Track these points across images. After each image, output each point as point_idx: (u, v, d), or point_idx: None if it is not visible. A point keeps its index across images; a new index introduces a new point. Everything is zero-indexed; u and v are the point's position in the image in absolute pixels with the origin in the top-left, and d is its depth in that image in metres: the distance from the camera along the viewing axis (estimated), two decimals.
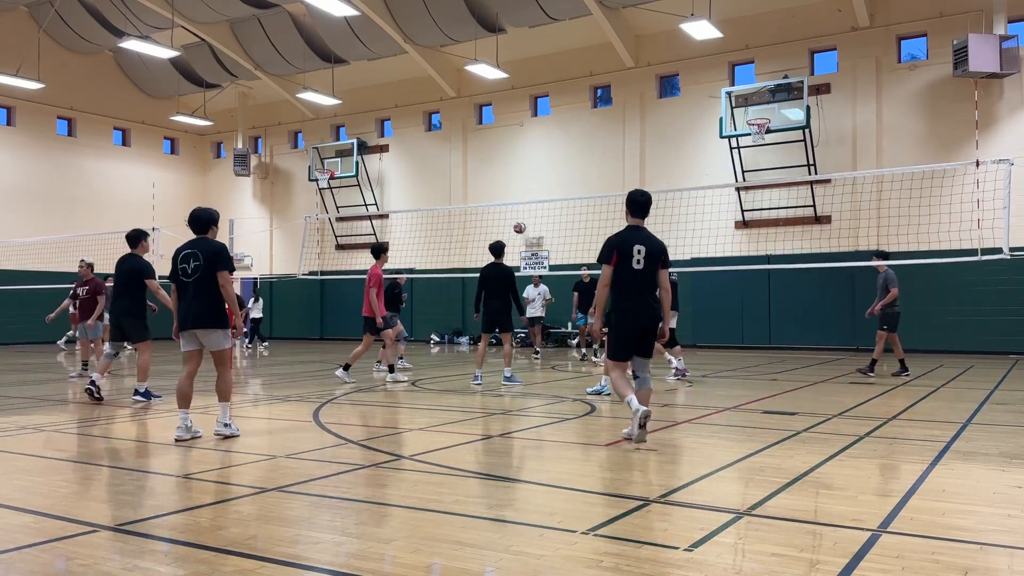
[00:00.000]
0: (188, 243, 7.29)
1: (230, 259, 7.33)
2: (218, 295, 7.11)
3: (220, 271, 7.09)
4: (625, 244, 6.71)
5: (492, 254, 11.89)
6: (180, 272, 7.15)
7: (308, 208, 27.65)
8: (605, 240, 6.85)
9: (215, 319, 7.10)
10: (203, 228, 7.32)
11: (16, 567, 3.64)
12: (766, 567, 3.54)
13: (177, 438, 6.98)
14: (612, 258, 6.69)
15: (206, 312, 7.06)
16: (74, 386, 12.09)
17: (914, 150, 19.83)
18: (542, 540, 3.98)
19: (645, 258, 6.70)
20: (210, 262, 7.08)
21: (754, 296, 21.36)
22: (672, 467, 5.91)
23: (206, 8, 24.33)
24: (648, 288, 6.76)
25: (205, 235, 7.32)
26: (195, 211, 7.41)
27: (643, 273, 6.70)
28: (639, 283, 6.71)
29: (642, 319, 6.72)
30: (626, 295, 6.71)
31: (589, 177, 23.81)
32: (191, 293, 7.08)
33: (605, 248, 6.77)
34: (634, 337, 6.74)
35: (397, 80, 27.42)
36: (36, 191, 26.95)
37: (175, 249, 7.32)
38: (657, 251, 6.76)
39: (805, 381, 12.38)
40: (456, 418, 8.51)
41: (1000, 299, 18.70)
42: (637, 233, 6.82)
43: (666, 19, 21.18)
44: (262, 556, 3.74)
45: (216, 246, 7.22)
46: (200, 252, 7.12)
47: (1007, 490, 5.04)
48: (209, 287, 7.06)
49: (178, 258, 7.19)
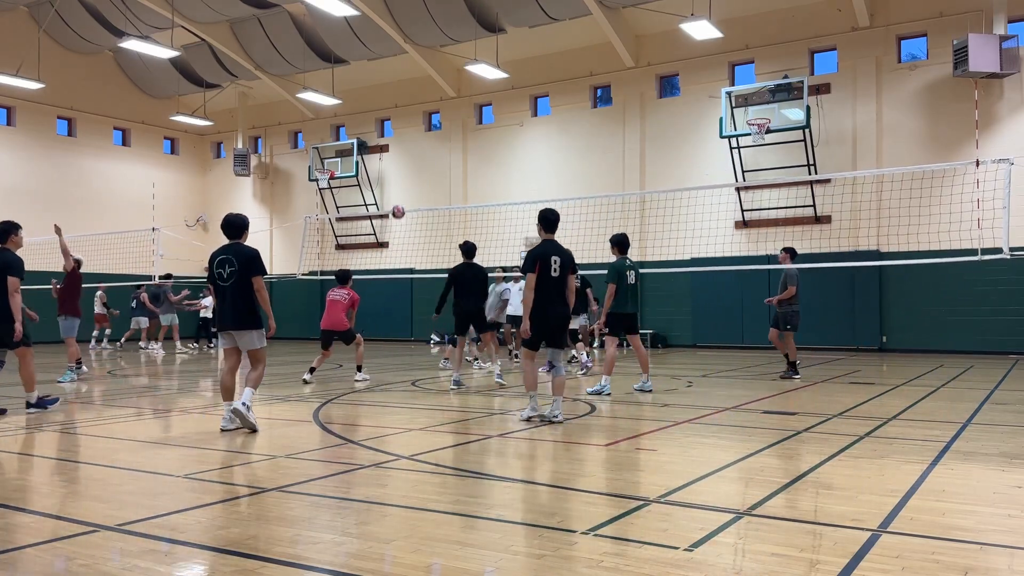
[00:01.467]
0: (222, 248, 7.71)
1: (263, 264, 7.74)
2: (252, 298, 7.54)
3: (254, 276, 7.54)
4: (545, 256, 8.04)
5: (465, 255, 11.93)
6: (216, 276, 7.61)
7: (308, 208, 27.65)
8: (527, 253, 8.13)
9: (249, 321, 7.55)
10: (236, 233, 7.75)
11: (16, 567, 3.64)
12: (766, 567, 3.54)
13: (223, 428, 7.48)
14: (536, 267, 7.98)
15: (241, 314, 7.52)
16: (76, 383, 12.08)
17: (914, 150, 19.83)
18: (542, 540, 3.98)
19: (560, 267, 8.07)
20: (245, 267, 7.51)
21: (754, 296, 21.33)
22: (672, 467, 5.91)
23: (206, 8, 24.32)
24: (560, 292, 8.10)
25: (238, 240, 7.75)
26: (227, 217, 7.83)
27: (558, 280, 8.06)
28: (554, 288, 8.05)
29: (555, 317, 8.06)
30: (544, 297, 8.02)
31: (589, 177, 23.81)
32: (228, 296, 7.54)
33: (529, 259, 8.05)
34: (548, 332, 8.05)
35: (397, 80, 27.42)
36: (36, 191, 26.94)
37: (211, 253, 7.74)
38: (568, 260, 8.17)
39: (805, 381, 12.38)
40: (456, 418, 8.51)
41: (1000, 299, 18.70)
42: (553, 246, 8.17)
43: (666, 19, 21.18)
44: (262, 556, 3.74)
45: (250, 252, 7.62)
46: (235, 258, 7.55)
47: (1007, 490, 5.04)
48: (244, 291, 7.51)
49: (214, 263, 7.63)
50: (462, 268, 11.82)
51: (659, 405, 9.54)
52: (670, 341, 22.27)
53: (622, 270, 10.53)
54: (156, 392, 11.53)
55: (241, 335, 7.56)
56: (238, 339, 7.60)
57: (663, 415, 8.60)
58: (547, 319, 8.02)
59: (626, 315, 10.60)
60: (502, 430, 7.64)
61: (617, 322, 10.61)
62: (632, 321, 10.79)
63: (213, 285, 7.70)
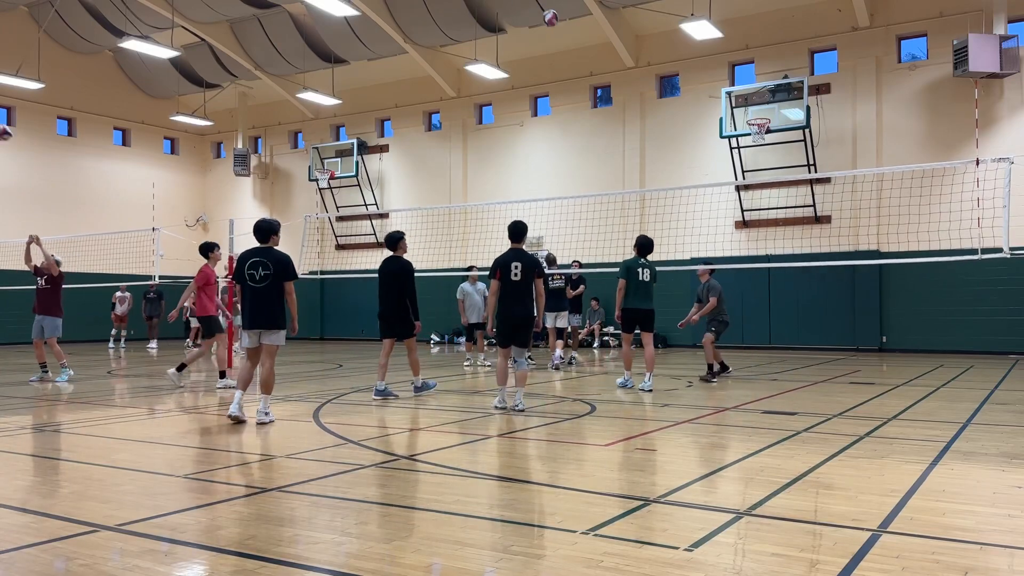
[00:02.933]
0: (254, 251, 8.11)
1: (295, 270, 8.22)
2: (281, 300, 8.04)
3: (287, 281, 8.04)
4: (506, 263, 8.84)
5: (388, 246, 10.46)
6: (248, 278, 8.00)
7: (308, 208, 27.63)
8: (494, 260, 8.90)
9: (281, 321, 8.09)
10: (265, 238, 8.17)
11: (16, 567, 3.64)
12: (766, 567, 3.54)
13: (230, 414, 7.91)
14: (496, 274, 8.82)
15: (271, 315, 8.01)
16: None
17: (914, 150, 19.83)
18: (542, 540, 3.99)
19: (521, 272, 8.76)
20: (279, 272, 7.99)
21: (754, 296, 21.35)
22: (672, 467, 5.91)
23: (206, 8, 24.32)
24: (521, 295, 8.78)
25: (267, 244, 8.16)
26: (258, 222, 8.23)
27: (518, 283, 8.76)
28: (515, 291, 8.77)
29: (515, 318, 8.78)
30: (506, 300, 8.81)
31: (589, 177, 23.80)
32: (259, 297, 7.97)
33: (492, 267, 8.90)
34: (511, 331, 8.81)
35: (397, 80, 27.42)
36: (36, 191, 26.93)
37: (240, 254, 8.20)
38: (530, 265, 8.81)
39: (805, 381, 12.38)
40: (456, 418, 8.52)
41: (1000, 299, 18.70)
42: (515, 253, 8.90)
43: (666, 19, 21.18)
44: (262, 556, 3.74)
45: (283, 258, 8.08)
46: (269, 262, 7.99)
47: (1007, 490, 5.04)
48: (275, 293, 7.99)
49: (245, 264, 8.03)
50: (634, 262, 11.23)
51: (659, 405, 9.54)
52: (670, 341, 22.27)
53: (632, 267, 11.14)
54: (156, 392, 11.53)
55: (270, 334, 8.04)
56: (265, 337, 8.04)
57: (663, 415, 8.61)
58: (508, 319, 8.79)
59: (632, 311, 11.10)
60: (502, 430, 7.64)
61: (626, 318, 11.18)
62: (641, 317, 11.20)
63: (241, 284, 8.06)
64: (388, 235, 10.39)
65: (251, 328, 8.07)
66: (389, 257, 10.28)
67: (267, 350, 8.10)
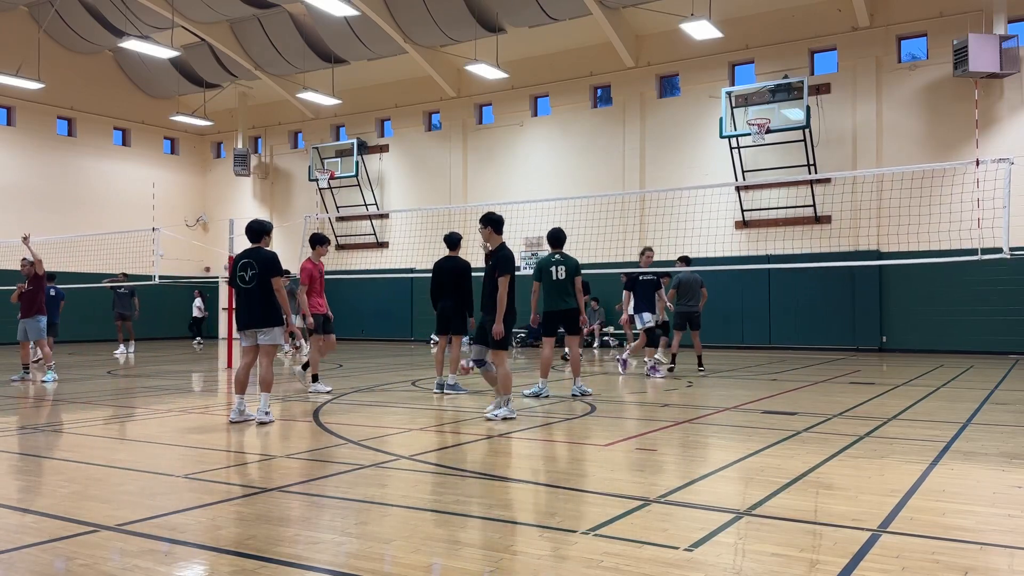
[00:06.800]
0: (244, 252, 8.25)
1: (280, 266, 8.25)
2: (272, 298, 8.07)
3: (273, 277, 8.08)
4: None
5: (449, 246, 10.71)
6: (239, 279, 8.13)
7: (308, 208, 27.62)
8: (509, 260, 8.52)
9: (275, 318, 8.12)
10: (256, 238, 8.29)
11: (16, 567, 3.64)
12: (766, 567, 3.54)
13: (231, 420, 7.98)
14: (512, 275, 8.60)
15: (263, 314, 8.07)
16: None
17: (914, 150, 19.83)
18: (542, 540, 3.98)
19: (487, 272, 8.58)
20: (264, 270, 8.06)
21: (754, 296, 21.35)
22: (672, 467, 5.91)
23: (206, 8, 24.32)
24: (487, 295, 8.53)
25: (259, 244, 8.28)
26: (250, 223, 8.34)
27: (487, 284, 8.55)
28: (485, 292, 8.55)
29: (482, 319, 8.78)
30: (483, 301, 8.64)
31: (589, 177, 23.81)
32: (251, 298, 8.06)
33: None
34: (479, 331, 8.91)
35: (397, 80, 27.42)
36: (36, 191, 26.94)
37: (235, 256, 8.32)
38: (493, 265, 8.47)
39: (805, 381, 12.38)
40: (456, 418, 8.52)
41: (1000, 299, 18.70)
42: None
43: (666, 19, 21.18)
44: (262, 556, 3.74)
45: (269, 255, 8.16)
46: (255, 261, 8.10)
47: (1007, 490, 5.04)
48: (265, 291, 8.04)
49: (237, 266, 8.17)
50: (443, 261, 10.73)
51: (659, 405, 9.54)
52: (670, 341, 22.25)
53: (544, 266, 10.10)
54: (156, 392, 11.53)
55: (265, 332, 8.08)
56: (262, 336, 8.09)
57: (663, 415, 8.61)
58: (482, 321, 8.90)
59: (552, 313, 10.09)
60: (502, 430, 7.64)
61: (546, 321, 10.19)
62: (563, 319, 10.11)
63: (234, 287, 8.21)
64: (449, 235, 10.74)
65: (244, 328, 8.14)
66: (448, 256, 10.62)
67: (264, 350, 8.18)
